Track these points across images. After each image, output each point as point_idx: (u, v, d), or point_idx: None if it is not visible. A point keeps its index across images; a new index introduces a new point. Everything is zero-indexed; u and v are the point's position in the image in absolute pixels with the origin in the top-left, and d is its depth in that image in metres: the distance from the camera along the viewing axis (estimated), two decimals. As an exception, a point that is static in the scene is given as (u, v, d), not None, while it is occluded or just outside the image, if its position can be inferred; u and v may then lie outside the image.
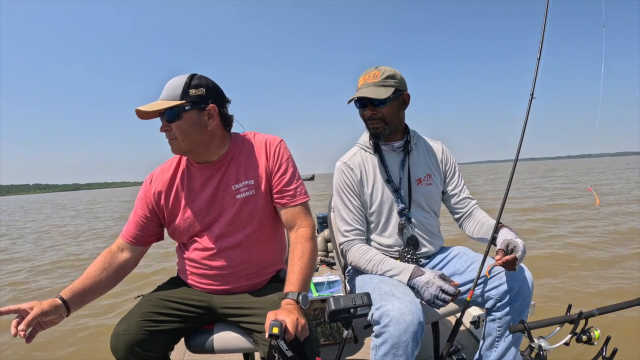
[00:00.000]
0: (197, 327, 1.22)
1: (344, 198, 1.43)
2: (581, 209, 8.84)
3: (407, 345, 1.07)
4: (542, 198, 11.64)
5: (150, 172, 1.31)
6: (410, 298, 1.14)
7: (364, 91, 1.34)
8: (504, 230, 1.29)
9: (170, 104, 1.09)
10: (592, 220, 7.04)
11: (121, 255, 1.21)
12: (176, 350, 1.22)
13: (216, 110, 1.16)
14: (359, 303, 0.94)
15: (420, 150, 1.50)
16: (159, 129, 1.15)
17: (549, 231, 6.48)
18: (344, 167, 1.45)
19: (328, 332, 1.98)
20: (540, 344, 1.03)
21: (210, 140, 1.18)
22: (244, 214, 1.20)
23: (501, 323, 1.28)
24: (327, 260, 3.52)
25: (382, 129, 1.39)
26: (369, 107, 1.37)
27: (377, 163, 1.45)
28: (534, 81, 1.34)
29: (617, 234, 5.90)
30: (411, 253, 1.40)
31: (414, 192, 1.44)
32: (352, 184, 1.43)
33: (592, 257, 4.61)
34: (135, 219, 1.25)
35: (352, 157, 1.47)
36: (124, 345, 1.05)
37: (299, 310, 1.00)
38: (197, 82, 1.12)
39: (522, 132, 1.33)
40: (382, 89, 1.33)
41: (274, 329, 0.88)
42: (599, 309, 1.05)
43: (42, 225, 14.23)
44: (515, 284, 1.24)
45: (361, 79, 1.39)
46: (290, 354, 0.88)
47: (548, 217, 7.97)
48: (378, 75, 1.35)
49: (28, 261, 6.74)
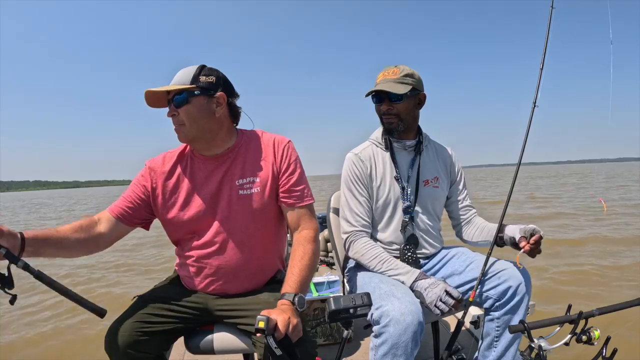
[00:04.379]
0: (195, 327, 1.21)
1: (353, 189, 1.42)
2: (586, 214, 8.81)
3: (407, 346, 1.07)
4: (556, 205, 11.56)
5: (152, 158, 1.27)
6: (410, 298, 1.14)
7: (382, 85, 1.36)
8: (511, 226, 1.32)
9: (180, 87, 1.10)
10: (595, 225, 7.03)
11: (99, 227, 1.14)
12: (176, 350, 1.22)
13: (225, 99, 1.16)
14: (359, 303, 0.94)
15: (430, 152, 1.52)
16: (167, 114, 1.15)
17: (551, 235, 6.49)
18: (355, 159, 1.44)
19: (328, 332, 1.98)
20: (540, 344, 1.03)
21: (218, 128, 1.17)
22: (246, 211, 1.18)
23: (500, 323, 1.29)
24: (327, 260, 3.52)
25: (396, 124, 1.40)
26: (386, 101, 1.39)
27: (387, 159, 1.45)
28: (536, 90, 1.37)
29: (621, 237, 5.90)
30: (411, 252, 1.40)
31: (420, 193, 1.45)
32: (362, 175, 1.42)
33: (593, 257, 4.62)
34: (128, 197, 1.20)
35: (364, 150, 1.47)
36: (118, 346, 1.04)
37: (294, 311, 0.99)
38: (207, 71, 1.15)
39: (524, 139, 1.37)
40: (400, 85, 1.36)
41: (260, 323, 0.88)
42: (599, 309, 1.05)
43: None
44: (513, 283, 1.25)
45: (380, 75, 1.41)
46: (279, 352, 0.88)
47: (550, 217, 7.98)
48: (397, 72, 1.38)
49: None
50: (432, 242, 1.47)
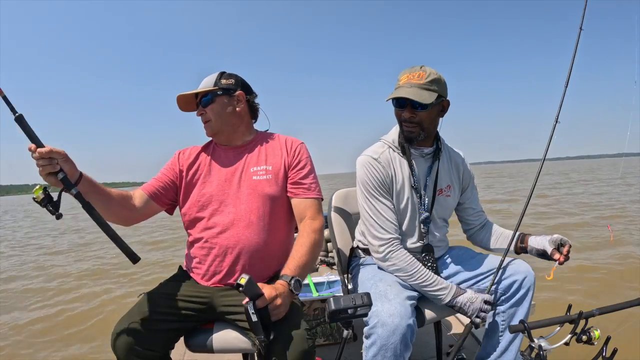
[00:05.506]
0: (197, 325, 1.23)
1: (377, 194, 1.32)
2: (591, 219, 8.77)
3: (396, 348, 1.06)
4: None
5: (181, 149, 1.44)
6: (401, 300, 1.12)
7: (407, 91, 1.24)
8: (537, 237, 1.33)
9: (205, 90, 1.31)
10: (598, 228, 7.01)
11: (135, 201, 1.27)
12: (176, 350, 1.22)
13: (244, 97, 1.35)
14: (359, 303, 0.94)
15: (445, 159, 1.44)
16: (196, 114, 1.36)
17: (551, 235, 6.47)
18: (374, 163, 1.33)
19: (328, 332, 1.98)
20: (540, 344, 1.03)
21: (239, 122, 1.36)
22: (257, 194, 1.26)
23: (505, 317, 1.30)
24: (327, 260, 3.51)
25: (416, 133, 1.30)
26: (409, 108, 1.27)
27: (405, 166, 1.36)
28: (559, 107, 1.37)
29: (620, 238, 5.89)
30: (431, 261, 1.36)
31: (435, 202, 1.39)
32: (384, 181, 1.32)
33: (593, 257, 4.62)
34: (160, 179, 1.34)
35: (382, 154, 1.36)
36: (125, 343, 1.06)
37: (287, 292, 1.03)
38: (227, 75, 1.35)
39: (544, 154, 1.38)
40: (426, 92, 1.23)
41: (242, 279, 0.94)
42: (599, 309, 1.05)
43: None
44: (519, 277, 1.27)
45: (404, 77, 1.28)
46: (254, 318, 0.93)
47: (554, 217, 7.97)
48: (423, 76, 1.25)
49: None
50: (441, 246, 1.47)
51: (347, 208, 1.70)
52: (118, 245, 1.02)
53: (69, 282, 5.00)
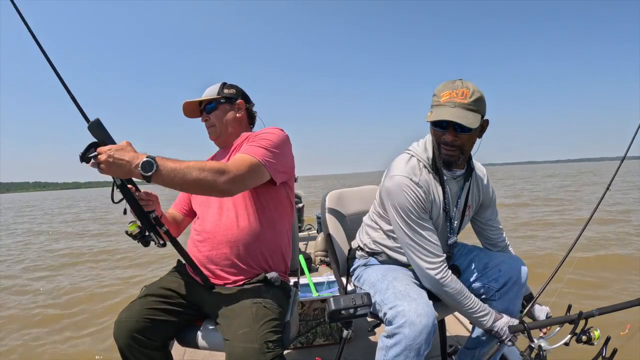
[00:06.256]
0: (191, 321, 1.27)
1: (423, 222, 1.23)
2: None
3: (420, 348, 1.05)
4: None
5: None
6: (425, 299, 1.11)
7: (452, 113, 1.11)
8: (542, 307, 1.39)
9: (210, 98, 1.44)
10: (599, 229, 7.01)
11: (177, 218, 1.51)
12: (176, 350, 1.23)
13: (243, 105, 1.48)
14: (359, 303, 0.94)
15: (473, 181, 1.37)
16: (201, 120, 1.49)
17: (551, 236, 6.48)
18: (415, 188, 1.22)
19: (328, 332, 1.98)
20: (540, 344, 1.03)
21: (239, 127, 1.48)
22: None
23: (499, 310, 1.30)
24: (327, 260, 3.52)
25: (456, 157, 1.20)
26: (451, 130, 1.16)
27: (439, 188, 1.27)
28: (614, 174, 1.48)
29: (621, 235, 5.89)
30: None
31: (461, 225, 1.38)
32: (424, 205, 1.24)
33: (593, 258, 4.61)
34: (181, 196, 1.54)
35: (420, 176, 1.25)
36: (126, 331, 1.10)
37: (131, 157, 0.95)
38: (228, 86, 1.48)
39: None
40: (472, 114, 1.12)
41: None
42: (599, 309, 1.05)
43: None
44: (513, 274, 1.29)
45: (445, 94, 1.15)
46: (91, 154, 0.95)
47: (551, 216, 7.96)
48: (467, 94, 1.13)
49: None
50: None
51: (341, 209, 1.67)
52: (191, 266, 1.23)
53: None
